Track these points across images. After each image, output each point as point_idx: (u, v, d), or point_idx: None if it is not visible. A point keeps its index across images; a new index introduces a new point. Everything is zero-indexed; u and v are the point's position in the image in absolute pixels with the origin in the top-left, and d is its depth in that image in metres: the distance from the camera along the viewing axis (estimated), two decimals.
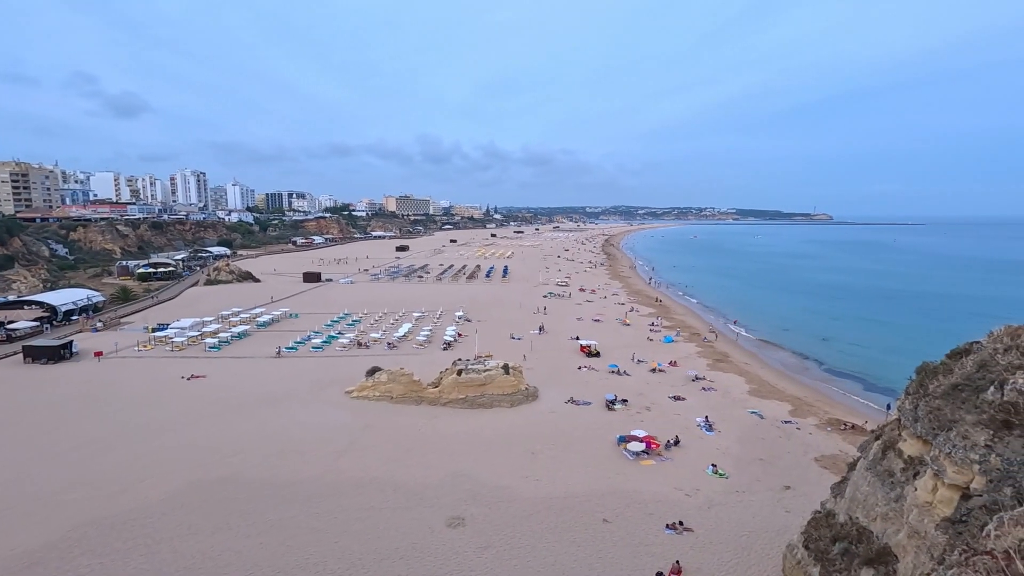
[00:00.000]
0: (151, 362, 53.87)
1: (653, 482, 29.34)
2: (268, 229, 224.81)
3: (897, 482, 15.54)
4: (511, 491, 28.15)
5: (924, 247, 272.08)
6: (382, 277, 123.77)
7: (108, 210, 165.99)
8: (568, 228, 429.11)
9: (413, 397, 41.67)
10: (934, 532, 12.51)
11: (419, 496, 27.51)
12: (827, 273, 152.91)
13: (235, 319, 73.15)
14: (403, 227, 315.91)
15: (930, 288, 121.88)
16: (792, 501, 27.26)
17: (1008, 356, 13.99)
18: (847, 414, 42.07)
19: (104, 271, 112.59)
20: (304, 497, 27.15)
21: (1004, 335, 15.38)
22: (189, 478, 29.09)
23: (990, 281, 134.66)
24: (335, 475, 29.62)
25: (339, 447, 33.22)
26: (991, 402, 12.75)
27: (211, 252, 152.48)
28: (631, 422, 37.81)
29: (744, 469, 31.14)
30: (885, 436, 17.38)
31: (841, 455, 32.50)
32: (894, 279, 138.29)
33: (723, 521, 25.53)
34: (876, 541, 15.57)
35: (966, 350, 16.17)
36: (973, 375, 14.43)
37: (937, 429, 13.93)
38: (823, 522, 18.57)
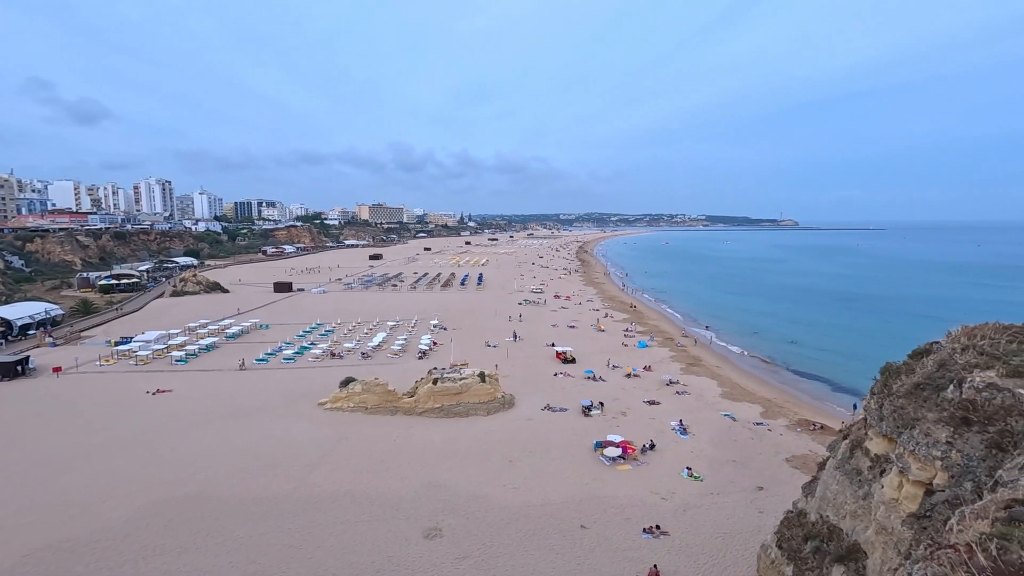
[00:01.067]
0: (114, 377, 51.99)
1: (629, 487, 29.51)
2: (237, 239, 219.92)
3: (865, 480, 15.94)
4: (488, 500, 27.96)
5: (886, 251, 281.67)
6: (355, 286, 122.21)
7: (68, 220, 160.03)
8: (542, 235, 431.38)
9: (388, 407, 41.13)
10: (900, 528, 12.85)
11: (395, 508, 27.09)
12: (794, 277, 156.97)
13: (203, 331, 71.20)
14: (376, 235, 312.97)
15: (892, 290, 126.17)
16: (765, 502, 27.73)
17: (965, 355, 14.54)
18: (816, 415, 43.08)
19: (63, 283, 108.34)
20: (276, 513, 26.47)
21: (961, 335, 16.00)
22: (154, 496, 28.07)
23: (948, 283, 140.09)
24: (308, 489, 28.97)
25: (312, 460, 32.52)
26: (951, 400, 13.21)
27: (177, 262, 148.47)
28: (607, 427, 38.02)
29: (718, 471, 31.58)
30: (852, 435, 17.83)
31: (811, 455, 33.23)
32: (858, 282, 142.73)
33: (699, 523, 25.81)
34: (846, 538, 15.92)
35: (926, 350, 16.75)
36: (934, 374, 14.94)
37: (901, 427, 14.36)
38: (795, 521, 18.92)
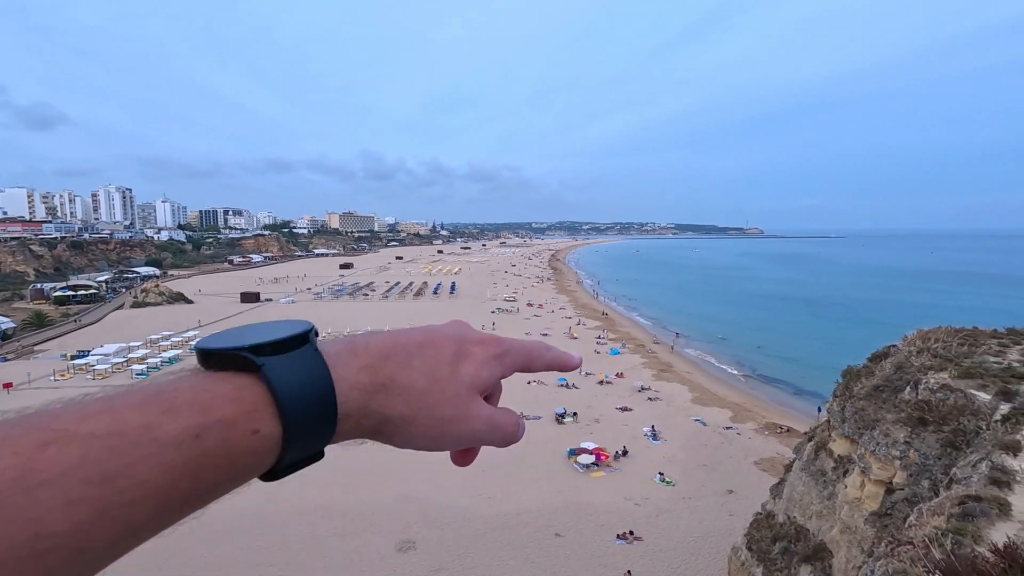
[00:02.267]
0: (70, 393, 48.65)
1: (603, 493, 29.66)
2: (202, 248, 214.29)
3: (829, 480, 16.40)
4: (463, 511, 27.73)
5: (846, 258, 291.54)
6: (326, 296, 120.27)
7: (20, 229, 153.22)
8: (515, 244, 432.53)
9: None
10: (863, 526, 13.25)
11: (367, 521, 26.62)
12: (760, 284, 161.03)
13: (165, 343, 68.97)
14: (347, 244, 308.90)
15: (852, 296, 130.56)
16: (735, 504, 28.21)
17: (921, 358, 15.17)
18: (782, 418, 44.10)
19: (15, 295, 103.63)
20: (242, 530, 25.68)
21: (917, 338, 16.70)
22: None
23: (904, 289, 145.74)
24: (276, 504, 28.21)
25: None
26: (908, 401, 13.74)
27: (138, 272, 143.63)
28: (581, 435, 38.17)
29: (690, 475, 32.01)
30: (817, 437, 18.35)
31: (778, 457, 33.99)
32: (820, 289, 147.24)
33: (671, 528, 26.09)
34: (813, 538, 16.33)
35: (884, 353, 17.41)
36: (891, 376, 15.53)
37: (862, 428, 14.85)
38: (764, 523, 19.31)
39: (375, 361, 0.56)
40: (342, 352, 0.55)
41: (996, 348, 15.77)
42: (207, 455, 0.42)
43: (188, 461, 0.40)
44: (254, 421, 0.46)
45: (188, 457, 0.40)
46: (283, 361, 0.49)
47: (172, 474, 0.39)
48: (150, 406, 0.41)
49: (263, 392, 0.47)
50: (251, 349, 0.49)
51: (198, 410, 0.42)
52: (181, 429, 0.40)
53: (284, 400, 0.47)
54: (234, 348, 0.49)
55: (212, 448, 0.42)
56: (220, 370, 0.48)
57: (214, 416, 0.43)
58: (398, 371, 0.57)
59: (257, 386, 0.47)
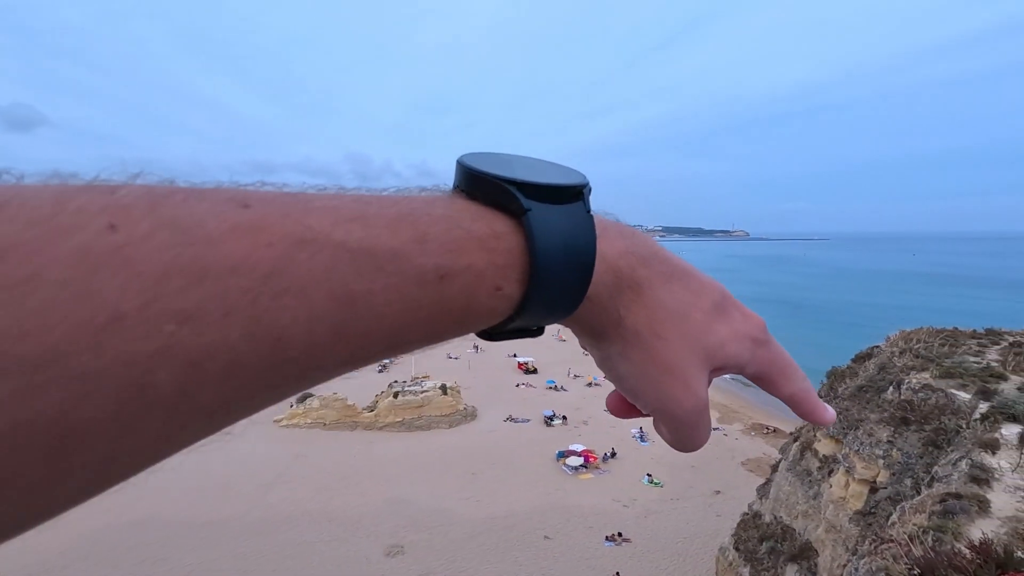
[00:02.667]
0: None
1: (592, 495, 29.72)
2: None
3: (814, 480, 16.60)
4: (451, 514, 27.63)
5: (830, 260, 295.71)
6: None
7: None
8: None
9: (347, 422, 40.19)
10: (848, 525, 13.43)
11: (355, 526, 26.42)
12: (746, 286, 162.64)
13: None
14: None
15: (836, 297, 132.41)
16: (723, 505, 28.42)
17: (903, 358, 15.43)
18: (769, 418, 44.53)
19: None
20: (229, 536, 25.37)
21: (899, 339, 17.00)
22: (93, 525, 26.43)
23: (887, 290, 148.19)
24: (263, 510, 27.92)
25: (267, 480, 31.39)
26: (890, 401, 13.97)
27: None
28: (569, 437, 38.23)
29: (677, 476, 32.20)
30: (803, 437, 18.56)
31: (765, 458, 34.30)
32: (804, 290, 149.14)
33: (659, 529, 26.22)
34: (799, 538, 16.50)
35: (868, 354, 17.69)
36: (875, 377, 15.78)
37: (846, 428, 15.06)
38: (751, 523, 19.47)
39: (640, 254, 0.46)
40: (609, 226, 0.46)
41: (975, 348, 16.10)
42: (444, 300, 0.36)
43: (425, 303, 0.35)
44: (501, 277, 0.38)
45: (427, 298, 0.35)
46: (551, 213, 0.40)
47: (409, 312, 0.34)
48: (403, 228, 0.35)
49: (519, 244, 0.39)
50: (522, 187, 0.40)
51: (448, 249, 0.36)
52: (429, 266, 0.35)
53: (541, 262, 0.38)
54: (503, 178, 0.39)
55: (451, 294, 0.36)
56: (476, 199, 0.40)
57: (464, 261, 0.36)
58: (656, 281, 0.46)
59: (514, 236, 0.39)
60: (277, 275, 0.29)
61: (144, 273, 0.25)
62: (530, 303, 0.39)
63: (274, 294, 0.29)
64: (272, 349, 0.29)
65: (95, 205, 0.26)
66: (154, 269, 0.26)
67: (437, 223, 0.36)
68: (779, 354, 0.55)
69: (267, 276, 0.29)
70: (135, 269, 0.25)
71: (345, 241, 0.32)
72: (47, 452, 0.23)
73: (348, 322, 0.32)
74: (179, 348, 0.26)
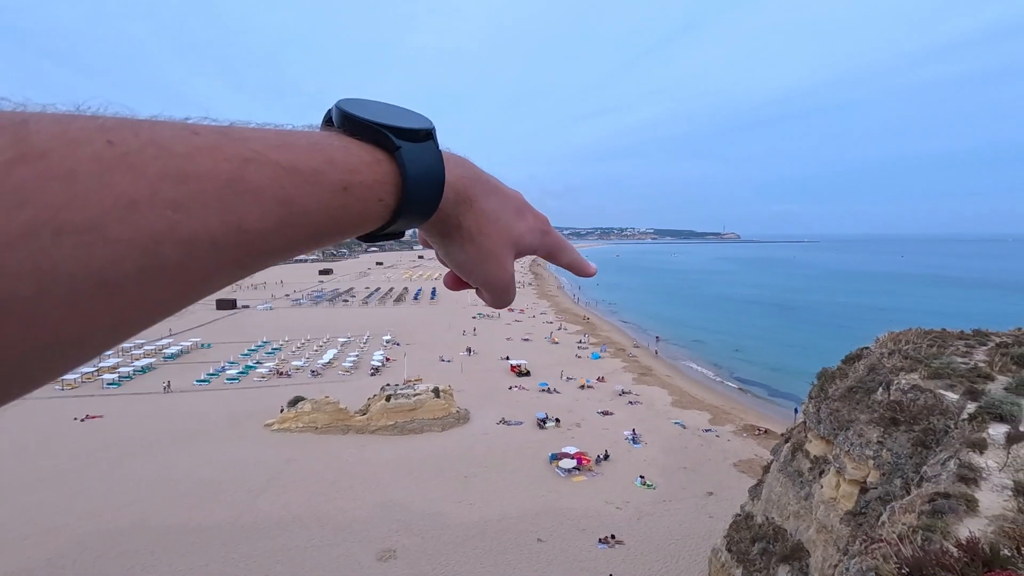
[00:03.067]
0: (36, 403, 48.23)
1: (585, 498, 29.71)
2: None
3: (806, 481, 16.70)
4: (444, 518, 27.52)
5: (820, 262, 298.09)
6: (304, 302, 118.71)
7: None
8: None
9: (339, 426, 39.96)
10: (839, 525, 13.51)
11: (347, 530, 26.24)
12: (737, 288, 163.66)
13: (138, 352, 67.25)
14: (326, 250, 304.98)
15: (826, 299, 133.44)
16: (715, 506, 28.51)
17: (892, 359, 15.56)
18: (760, 420, 44.77)
19: None
20: (218, 542, 25.13)
21: (888, 340, 17.15)
22: (82, 531, 26.12)
23: (875, 292, 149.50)
24: (253, 515, 27.67)
25: (258, 484, 31.12)
26: (880, 402, 14.08)
27: None
28: (562, 439, 38.24)
29: (670, 478, 32.28)
30: (794, 438, 18.67)
31: (757, 459, 34.47)
32: (795, 292, 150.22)
33: (652, 531, 26.25)
34: (790, 538, 16.58)
35: (858, 355, 17.83)
36: (865, 378, 15.90)
37: (837, 429, 15.16)
38: (743, 524, 19.55)
39: (470, 177, 0.68)
40: (450, 158, 0.66)
41: (963, 349, 16.28)
42: (348, 205, 0.53)
43: (335, 207, 0.51)
44: (383, 191, 0.56)
45: (336, 204, 0.51)
46: (414, 149, 0.59)
47: (324, 213, 0.50)
48: (316, 153, 0.51)
49: (393, 170, 0.57)
50: (393, 130, 0.58)
51: (349, 169, 0.53)
52: (337, 181, 0.51)
53: (411, 185, 0.58)
54: (382, 125, 0.58)
55: (350, 203, 0.53)
56: (357, 137, 0.57)
57: (359, 178, 0.54)
58: (481, 195, 0.70)
59: (389, 163, 0.57)
60: (236, 182, 0.43)
61: (146, 175, 0.37)
62: (402, 212, 0.59)
63: (236, 195, 0.42)
64: (238, 233, 0.42)
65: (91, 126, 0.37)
66: (152, 172, 0.38)
67: (338, 151, 0.54)
68: (557, 238, 0.84)
69: (229, 182, 0.42)
70: (139, 171, 0.37)
71: (279, 161, 0.47)
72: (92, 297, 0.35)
73: (288, 217, 0.47)
74: (178, 229, 0.38)
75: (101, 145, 0.36)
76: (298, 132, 0.54)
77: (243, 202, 0.43)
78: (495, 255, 0.73)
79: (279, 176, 0.46)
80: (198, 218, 0.40)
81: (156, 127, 0.41)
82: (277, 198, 0.46)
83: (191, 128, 0.44)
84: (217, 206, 0.41)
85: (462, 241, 0.71)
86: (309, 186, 0.49)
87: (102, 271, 0.34)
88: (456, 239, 0.71)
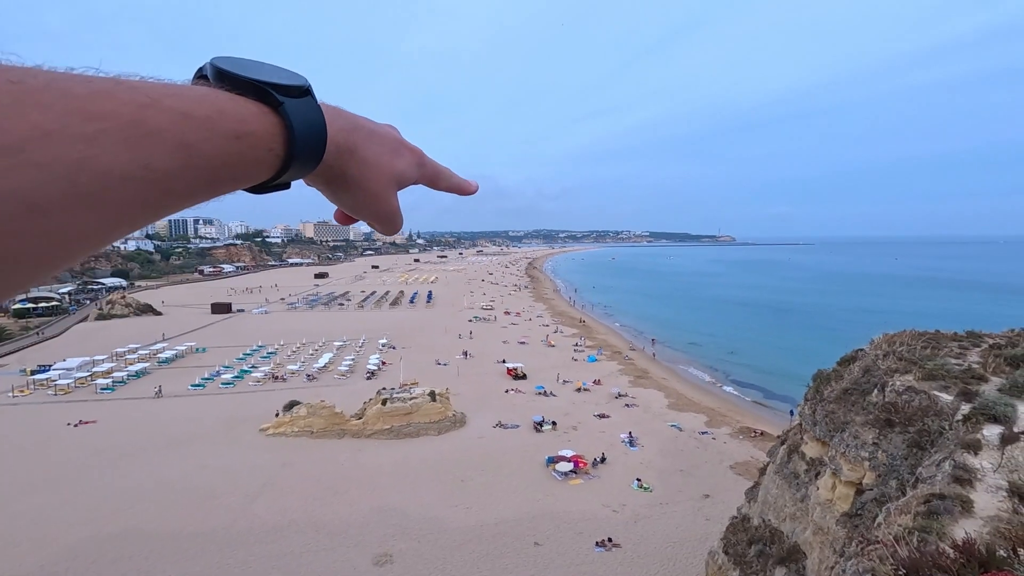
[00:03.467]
0: (29, 409, 47.89)
1: (582, 501, 29.67)
2: (171, 258, 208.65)
3: (802, 483, 16.72)
4: (441, 522, 27.42)
5: (814, 264, 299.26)
6: (300, 306, 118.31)
7: None
8: (492, 252, 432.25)
9: (335, 430, 39.79)
10: (835, 527, 13.52)
11: (343, 535, 26.11)
12: (732, 290, 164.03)
13: (132, 356, 66.82)
14: (322, 254, 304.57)
15: (821, 301, 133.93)
16: (712, 509, 28.52)
17: (887, 361, 15.62)
18: (756, 422, 44.85)
19: None
20: (213, 548, 24.95)
21: (883, 342, 17.21)
22: (75, 537, 25.89)
23: (870, 294, 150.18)
24: (248, 521, 27.50)
25: (253, 489, 30.94)
26: (875, 403, 14.12)
27: (104, 284, 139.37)
28: (559, 442, 38.19)
29: (667, 481, 32.27)
30: (790, 440, 18.70)
31: (753, 461, 34.51)
32: (790, 294, 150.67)
33: (649, 534, 26.23)
34: (787, 540, 16.59)
35: (852, 357, 17.89)
36: (860, 380, 15.95)
37: (833, 431, 15.20)
38: (739, 527, 19.55)
39: (349, 127, 0.73)
40: (329, 112, 0.70)
41: (956, 350, 16.35)
42: (242, 152, 0.56)
43: (231, 154, 0.54)
44: (271, 142, 0.60)
45: (232, 151, 0.54)
46: (296, 104, 0.64)
47: (221, 159, 0.53)
48: (207, 103, 0.54)
49: (278, 122, 0.61)
50: (274, 87, 0.62)
51: (239, 119, 0.57)
52: (229, 129, 0.54)
53: (297, 134, 0.62)
54: (264, 82, 0.62)
55: (243, 151, 0.56)
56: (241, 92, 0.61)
57: (249, 127, 0.57)
58: (361, 143, 0.75)
59: (274, 116, 0.61)
60: (137, 123, 0.45)
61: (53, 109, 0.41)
62: (291, 163, 0.63)
63: (140, 135, 0.45)
64: (146, 170, 0.45)
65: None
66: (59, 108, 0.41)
67: (227, 102, 0.57)
68: (434, 167, 0.94)
69: (131, 123, 0.45)
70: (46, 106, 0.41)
71: (174, 107, 0.49)
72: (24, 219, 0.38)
73: (189, 160, 0.50)
74: (92, 161, 0.42)
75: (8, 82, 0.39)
76: (183, 85, 0.57)
77: (148, 142, 0.45)
78: (379, 195, 0.80)
79: (176, 120, 0.48)
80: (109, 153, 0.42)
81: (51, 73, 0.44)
82: (177, 141, 0.48)
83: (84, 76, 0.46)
84: (124, 144, 0.43)
85: (347, 187, 0.77)
86: (205, 131, 0.51)
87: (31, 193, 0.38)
88: (342, 185, 0.77)
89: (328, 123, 0.68)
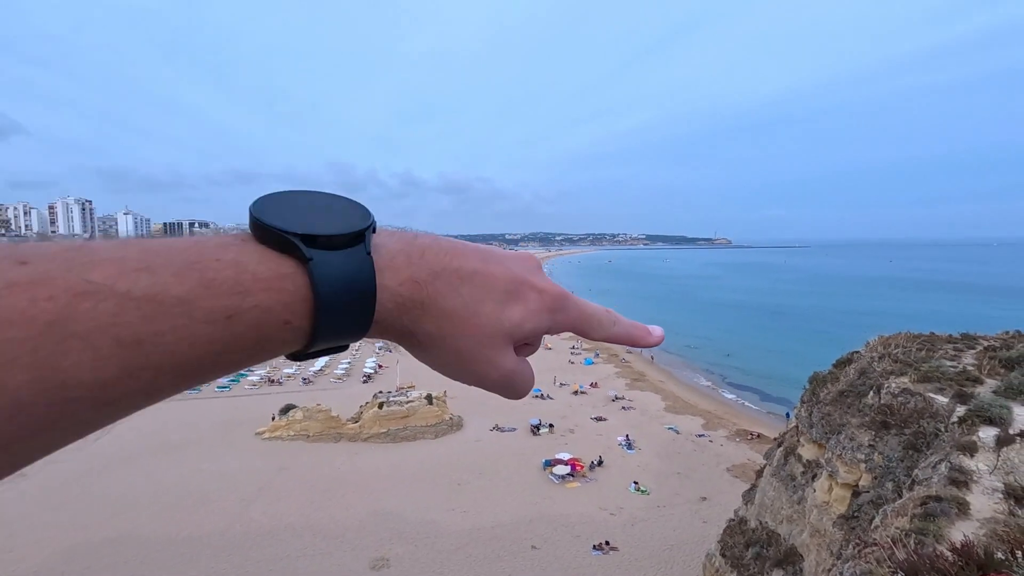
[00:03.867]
0: None
1: (579, 504, 29.64)
2: None
3: (799, 485, 16.74)
4: (437, 525, 27.34)
5: (809, 267, 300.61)
6: None
7: None
8: None
9: (331, 434, 39.66)
10: (832, 529, 13.54)
11: (340, 539, 26.00)
12: (728, 293, 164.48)
13: None
14: None
15: (816, 303, 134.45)
16: (709, 511, 28.53)
17: (882, 363, 15.67)
18: (753, 424, 44.92)
19: None
20: (209, 553, 24.81)
21: (878, 344, 17.27)
22: (68, 543, 25.69)
23: (865, 296, 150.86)
24: (245, 525, 27.36)
25: (249, 493, 30.79)
26: (871, 405, 14.17)
27: None
28: (556, 445, 38.16)
29: (664, 484, 32.27)
30: (786, 443, 18.72)
31: (750, 463, 34.55)
32: (785, 296, 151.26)
33: (646, 537, 26.21)
34: (784, 543, 16.60)
35: (848, 359, 17.93)
36: (855, 382, 15.99)
37: (829, 433, 15.23)
38: (737, 529, 19.55)
39: (424, 276, 0.53)
40: (396, 256, 0.53)
41: (952, 352, 16.42)
42: (234, 336, 0.42)
43: (217, 338, 0.40)
44: (289, 313, 0.44)
45: (217, 335, 0.40)
46: (333, 258, 0.47)
47: (199, 348, 0.40)
48: (189, 275, 0.40)
49: (304, 286, 0.45)
50: (304, 239, 0.46)
51: (236, 292, 0.42)
52: (216, 308, 0.40)
53: (323, 302, 0.46)
54: (287, 231, 0.46)
55: (240, 331, 0.42)
56: (266, 243, 0.46)
57: (250, 302, 0.42)
58: (443, 293, 0.54)
59: (299, 277, 0.45)
60: (59, 324, 0.33)
61: None
62: (319, 333, 0.46)
63: (56, 342, 0.33)
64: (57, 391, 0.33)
65: None
66: None
67: (225, 268, 0.42)
68: (579, 314, 0.65)
69: (48, 325, 0.33)
70: None
71: (130, 290, 0.36)
72: None
73: (136, 360, 0.36)
74: None
75: None
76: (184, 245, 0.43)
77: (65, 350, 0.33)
78: (476, 355, 0.57)
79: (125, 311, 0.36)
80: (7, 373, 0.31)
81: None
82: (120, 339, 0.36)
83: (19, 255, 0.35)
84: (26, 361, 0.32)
85: (427, 347, 0.56)
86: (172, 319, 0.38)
87: None
88: (415, 345, 0.56)
89: (388, 274, 0.50)
